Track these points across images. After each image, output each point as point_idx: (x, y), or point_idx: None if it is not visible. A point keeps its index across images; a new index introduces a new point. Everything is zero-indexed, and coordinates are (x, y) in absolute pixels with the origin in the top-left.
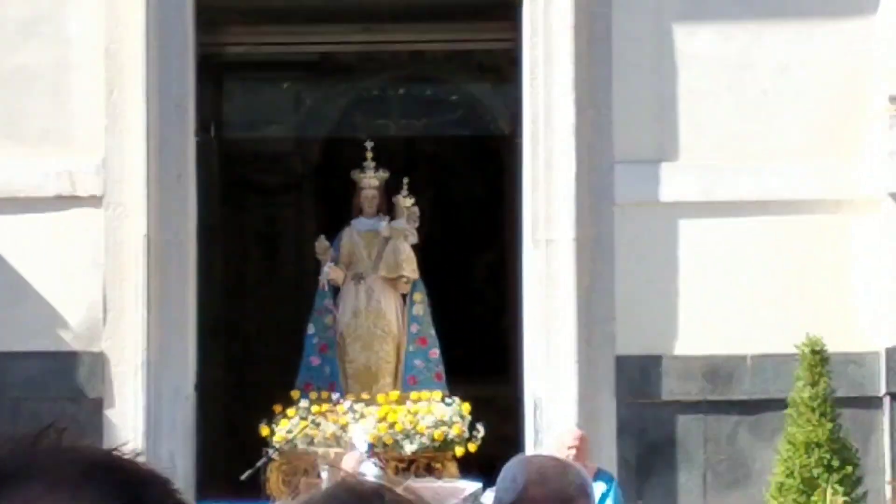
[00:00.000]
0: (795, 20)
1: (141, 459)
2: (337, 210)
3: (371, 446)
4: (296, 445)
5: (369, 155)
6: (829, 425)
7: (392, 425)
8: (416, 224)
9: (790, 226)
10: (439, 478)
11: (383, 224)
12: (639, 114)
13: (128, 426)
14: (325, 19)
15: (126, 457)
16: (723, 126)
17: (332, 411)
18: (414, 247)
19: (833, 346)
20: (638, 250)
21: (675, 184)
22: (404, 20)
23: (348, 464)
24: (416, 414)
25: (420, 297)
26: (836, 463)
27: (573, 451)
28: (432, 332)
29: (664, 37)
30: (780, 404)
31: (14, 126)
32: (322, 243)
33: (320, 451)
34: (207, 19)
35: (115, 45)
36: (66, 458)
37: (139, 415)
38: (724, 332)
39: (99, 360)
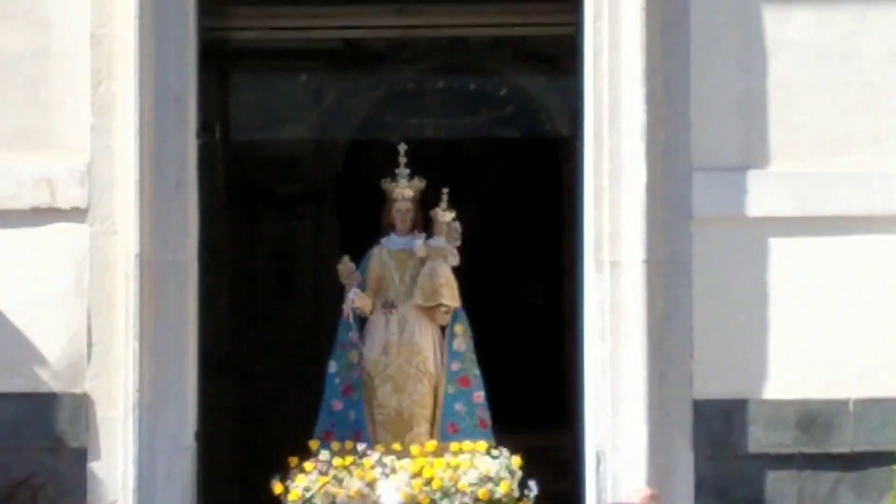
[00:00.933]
0: None
1: None
2: (364, 226)
3: None
4: None
5: (403, 160)
6: None
7: (428, 482)
8: (458, 243)
9: None
10: None
11: (419, 242)
12: (722, 112)
13: (116, 481)
14: (350, 0)
15: None
16: (821, 127)
17: (357, 465)
18: (455, 269)
19: None
20: (720, 274)
21: (764, 196)
22: (444, 1)
23: None
24: (456, 468)
25: (462, 329)
26: None
27: None
28: (476, 371)
29: (752, 21)
30: (888, 458)
31: None
32: (346, 265)
33: None
34: (212, 0)
35: (104, 29)
36: None
37: (129, 468)
38: (823, 373)
39: (82, 402)
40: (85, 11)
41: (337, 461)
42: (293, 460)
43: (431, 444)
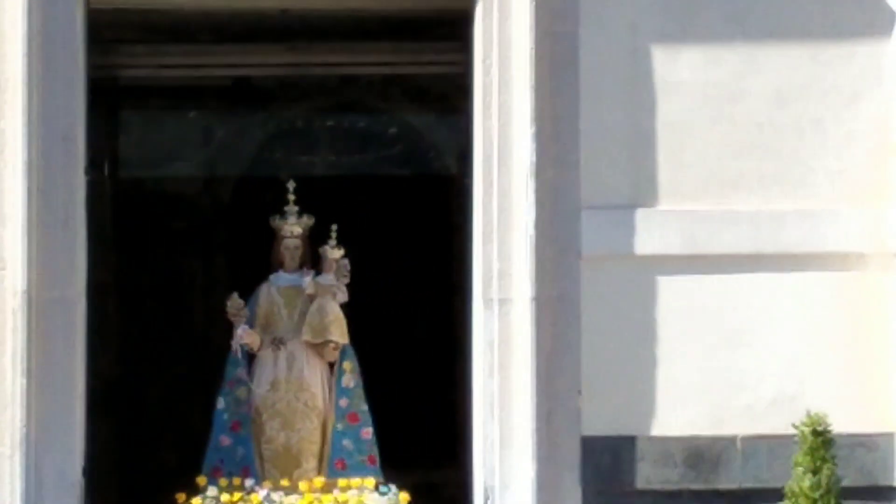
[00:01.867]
0: (796, 42)
1: None
2: (253, 262)
3: None
4: None
5: (291, 198)
6: None
7: None
8: (347, 280)
9: (791, 284)
10: None
11: (307, 280)
12: (611, 151)
13: None
14: (240, 38)
15: None
16: (710, 166)
17: (245, 501)
18: (343, 306)
19: (839, 427)
20: (609, 312)
21: (652, 234)
22: (334, 39)
23: None
24: None
25: (350, 365)
26: None
27: None
28: (364, 407)
29: (641, 60)
30: (775, 495)
31: None
32: (235, 301)
33: None
34: (100, 37)
35: None
36: None
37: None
38: (710, 410)
39: None
40: None
41: (225, 497)
42: (181, 496)
43: (319, 481)
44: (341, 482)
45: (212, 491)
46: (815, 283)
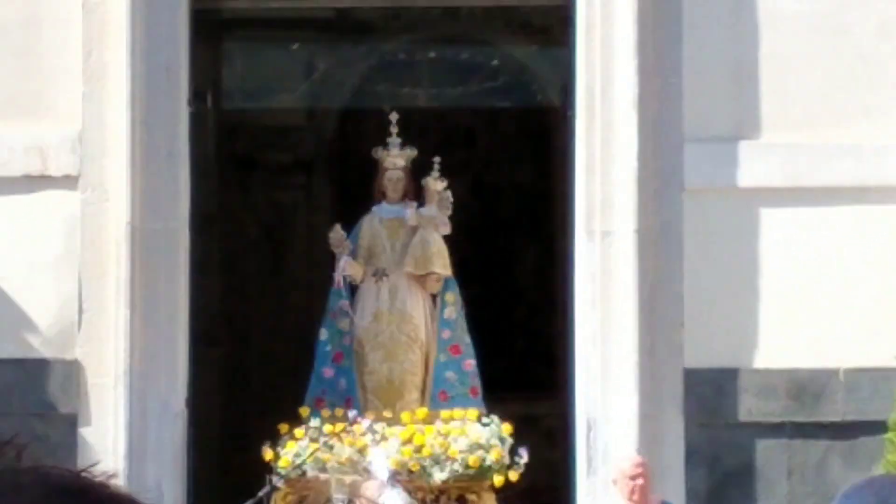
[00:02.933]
0: None
1: (115, 482)
2: (355, 194)
3: (394, 473)
4: (305, 472)
5: (394, 130)
6: None
7: (419, 449)
8: (450, 212)
9: (891, 216)
10: None
11: (410, 211)
12: (714, 83)
13: (107, 447)
14: None
15: (97, 479)
16: (814, 99)
17: (348, 432)
18: (446, 238)
19: None
20: (711, 245)
21: (756, 166)
22: None
23: (368, 494)
24: (447, 436)
25: (453, 297)
26: None
27: (639, 482)
28: (467, 339)
29: None
30: (878, 427)
31: None
32: (337, 233)
33: (334, 478)
34: None
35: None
36: (27, 479)
37: (120, 434)
38: (813, 343)
39: (73, 369)
40: None
41: (327, 428)
42: (284, 427)
43: (422, 412)
44: (444, 413)
45: (314, 422)
46: None
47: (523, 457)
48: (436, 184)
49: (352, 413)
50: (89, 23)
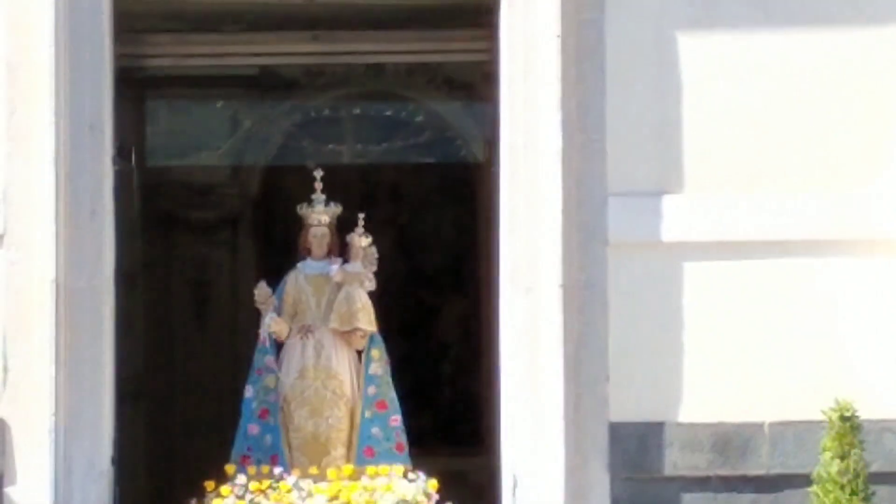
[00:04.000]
0: (822, 28)
1: None
2: (280, 251)
3: None
4: None
5: (319, 186)
6: None
7: None
8: (374, 268)
9: (817, 270)
10: None
11: (335, 268)
12: (637, 138)
13: None
14: (265, 27)
15: None
16: (736, 153)
17: (274, 489)
18: (371, 294)
19: (867, 413)
20: (636, 299)
21: (679, 221)
22: (360, 27)
23: None
24: (373, 492)
25: (378, 353)
26: None
27: None
28: (393, 395)
29: (666, 47)
30: (803, 480)
31: None
32: (263, 290)
33: None
34: (127, 27)
35: (18, 55)
36: None
37: (46, 492)
38: (738, 396)
39: None
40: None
41: (254, 485)
42: (210, 484)
43: (348, 468)
44: (370, 470)
45: (241, 479)
46: (840, 269)
47: None
48: (360, 240)
49: (278, 470)
50: (12, 81)
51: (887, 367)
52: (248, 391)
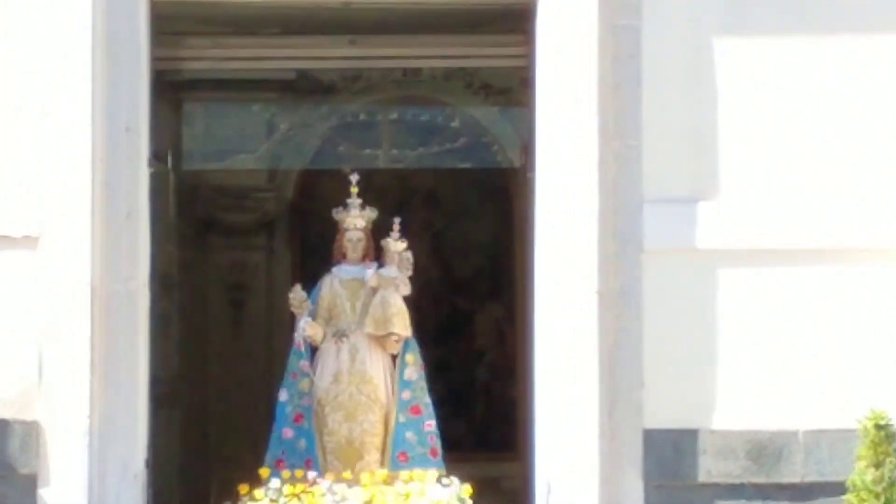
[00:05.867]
0: (859, 35)
1: None
2: (315, 255)
3: None
4: None
5: (354, 190)
6: None
7: None
8: (410, 272)
9: (852, 279)
10: None
11: (370, 272)
12: (673, 145)
13: None
14: (303, 31)
15: None
16: (772, 159)
17: (308, 493)
18: (406, 299)
19: None
20: (670, 305)
21: (714, 228)
22: (397, 32)
23: None
24: (407, 497)
25: (413, 358)
26: None
27: None
28: (427, 399)
29: (702, 54)
30: (837, 489)
31: None
32: (298, 294)
33: None
34: (164, 30)
35: (55, 58)
36: None
37: (80, 495)
38: (772, 403)
39: (33, 430)
40: (37, 41)
41: (287, 489)
42: (243, 488)
43: (382, 473)
44: (403, 475)
45: (274, 483)
46: (876, 278)
47: None
48: (396, 245)
49: (312, 474)
50: (50, 82)
51: None
52: (283, 395)
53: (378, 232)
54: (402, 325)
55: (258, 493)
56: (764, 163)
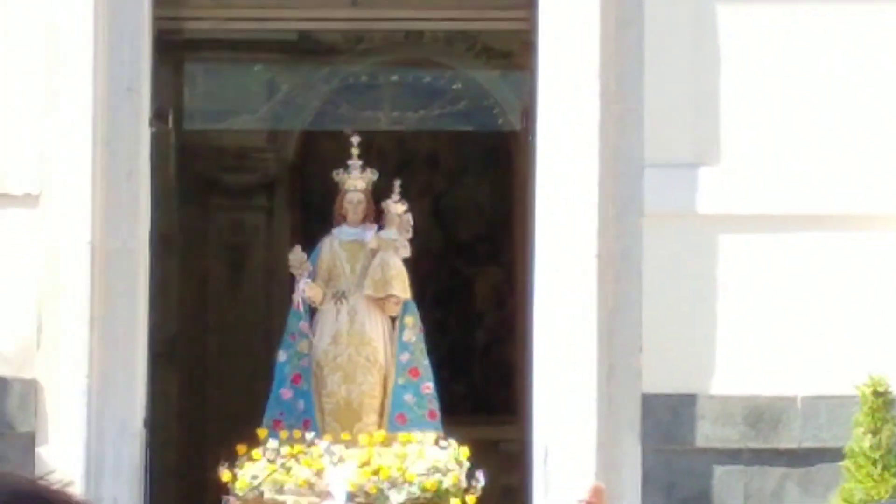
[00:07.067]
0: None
1: (71, 490)
2: (315, 216)
3: (351, 496)
4: (262, 493)
5: (355, 152)
6: (893, 481)
7: (376, 471)
8: (409, 235)
9: (850, 244)
10: None
11: (370, 234)
12: (674, 109)
13: (65, 466)
14: None
15: (54, 486)
16: (774, 125)
17: (305, 453)
18: (406, 261)
19: None
20: (670, 270)
21: (714, 193)
22: None
23: None
24: (404, 459)
25: (412, 320)
26: None
27: None
28: (426, 362)
29: (705, 19)
30: (835, 454)
31: None
32: (297, 255)
33: (291, 500)
34: None
35: (57, 17)
36: None
37: (78, 453)
38: (771, 369)
39: (31, 387)
40: (41, 2)
41: (285, 450)
42: (241, 448)
43: (380, 435)
44: (402, 436)
45: (272, 443)
46: (876, 244)
47: (480, 480)
48: (396, 207)
49: (310, 435)
50: (51, 42)
51: None
52: (281, 356)
53: (378, 194)
54: (401, 287)
55: (256, 453)
56: (766, 128)
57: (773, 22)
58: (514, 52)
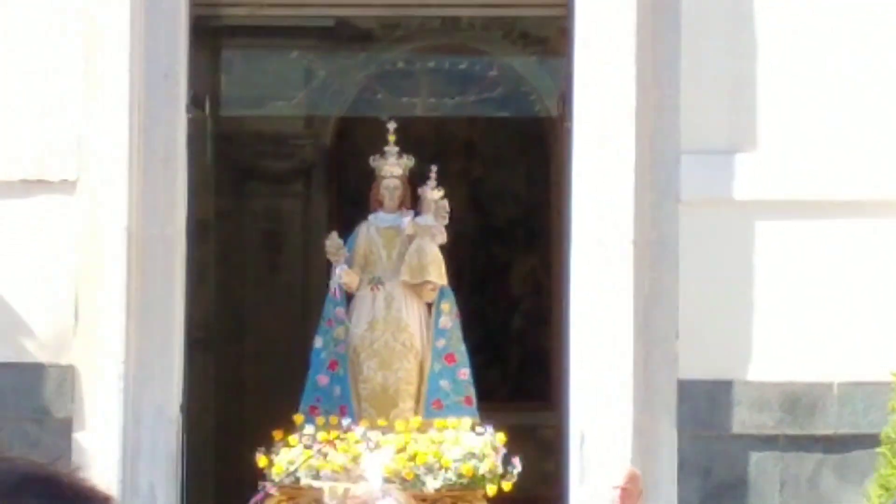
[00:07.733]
0: None
1: (81, 474)
2: (352, 202)
3: (387, 481)
4: (298, 479)
5: (392, 138)
6: None
7: (413, 457)
8: (446, 221)
9: (890, 231)
10: None
11: (406, 220)
12: (711, 96)
13: (101, 452)
14: None
15: (64, 471)
16: (811, 111)
17: (341, 439)
18: (442, 248)
19: None
20: (707, 256)
21: (752, 179)
22: None
23: (359, 494)
24: (441, 444)
25: (448, 306)
26: None
27: (617, 492)
28: (462, 348)
29: (742, 4)
30: (871, 441)
31: None
32: (334, 241)
33: (327, 486)
34: None
35: (95, 4)
36: None
37: (115, 439)
38: (808, 355)
39: (68, 374)
40: None
41: (321, 435)
42: (278, 434)
43: (416, 421)
44: (438, 422)
45: (308, 429)
46: None
47: (517, 466)
48: (432, 193)
49: (346, 421)
50: (90, 29)
51: None
52: (318, 342)
53: (415, 180)
54: (437, 273)
55: (292, 439)
56: (803, 114)
57: (811, 6)
58: (550, 38)
